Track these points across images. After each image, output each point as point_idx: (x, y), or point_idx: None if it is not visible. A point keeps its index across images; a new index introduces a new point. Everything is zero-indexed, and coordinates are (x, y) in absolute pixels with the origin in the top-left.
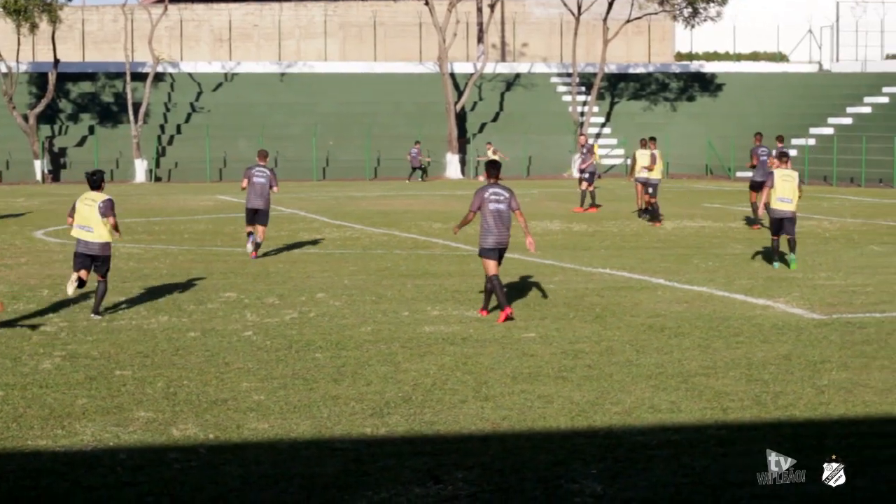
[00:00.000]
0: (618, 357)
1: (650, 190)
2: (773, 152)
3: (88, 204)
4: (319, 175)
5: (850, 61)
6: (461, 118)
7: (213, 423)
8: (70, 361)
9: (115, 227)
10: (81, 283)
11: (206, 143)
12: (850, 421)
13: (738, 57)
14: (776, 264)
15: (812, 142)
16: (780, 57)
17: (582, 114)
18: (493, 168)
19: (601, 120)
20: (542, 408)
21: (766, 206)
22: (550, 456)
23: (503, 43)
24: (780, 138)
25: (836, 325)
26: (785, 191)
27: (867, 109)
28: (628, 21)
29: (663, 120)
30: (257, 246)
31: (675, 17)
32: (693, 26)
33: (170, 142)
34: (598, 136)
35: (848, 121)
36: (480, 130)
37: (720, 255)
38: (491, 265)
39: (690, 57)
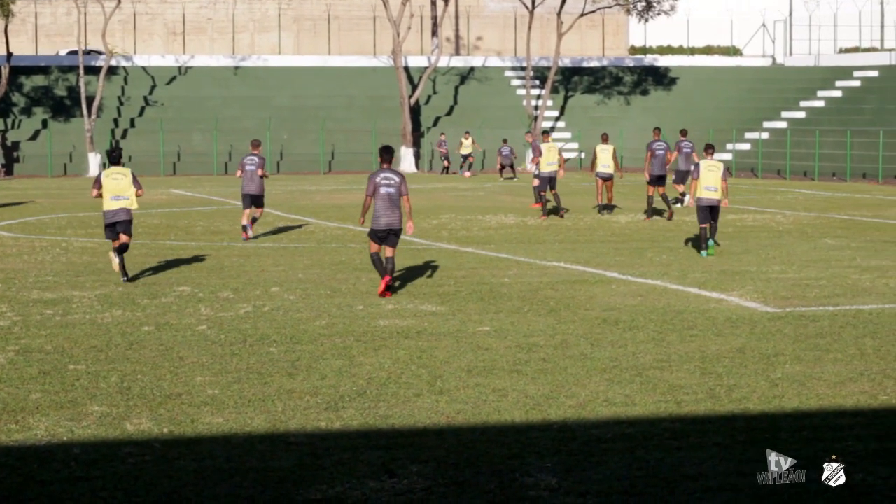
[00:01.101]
0: (572, 351)
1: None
2: (679, 145)
3: (117, 178)
4: (273, 169)
5: (804, 55)
6: (415, 112)
7: (167, 418)
8: (23, 356)
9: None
10: (122, 248)
11: (160, 136)
12: (803, 414)
13: (692, 51)
14: (704, 252)
15: (765, 136)
16: (733, 51)
17: (536, 108)
18: (385, 153)
19: (555, 114)
20: (497, 401)
21: (689, 195)
22: (505, 449)
23: (457, 36)
24: (684, 132)
25: (790, 318)
26: (709, 180)
27: (820, 103)
28: (582, 15)
29: (617, 114)
30: (254, 221)
31: (628, 11)
32: (647, 20)
33: (123, 135)
34: (552, 129)
35: (801, 115)
36: (435, 124)
37: (674, 249)
38: (374, 245)
39: (644, 51)
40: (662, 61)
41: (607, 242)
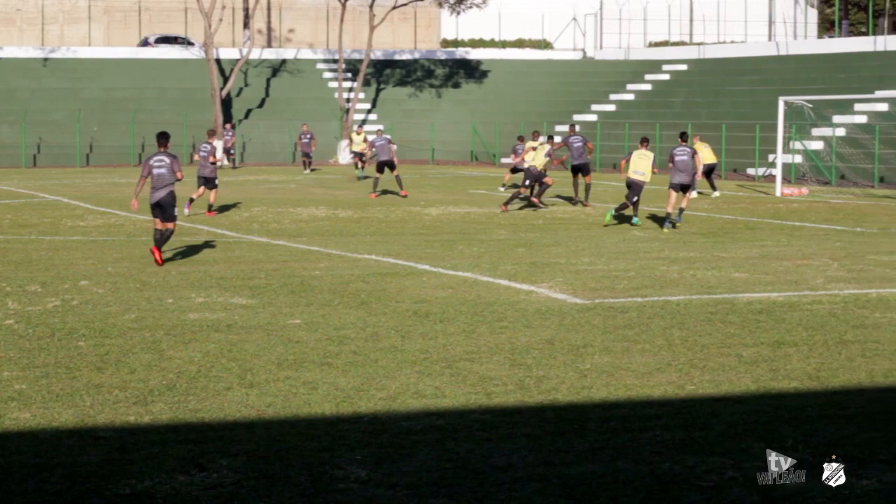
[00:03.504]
0: (383, 343)
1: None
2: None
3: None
4: (83, 161)
5: (614, 49)
6: (227, 104)
7: None
8: None
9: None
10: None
11: None
12: (611, 404)
13: (504, 44)
14: (636, 220)
15: (576, 128)
16: (544, 44)
17: (348, 100)
18: (161, 138)
19: (367, 106)
20: (308, 394)
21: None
22: (316, 442)
23: (269, 29)
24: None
25: (599, 309)
26: (639, 166)
27: (630, 97)
28: (395, 8)
29: (429, 106)
30: (210, 208)
31: (440, 4)
32: (459, 13)
33: None
34: (363, 122)
35: (611, 108)
36: (246, 116)
37: (485, 241)
38: (158, 221)
39: (456, 44)
40: (474, 54)
41: (418, 235)
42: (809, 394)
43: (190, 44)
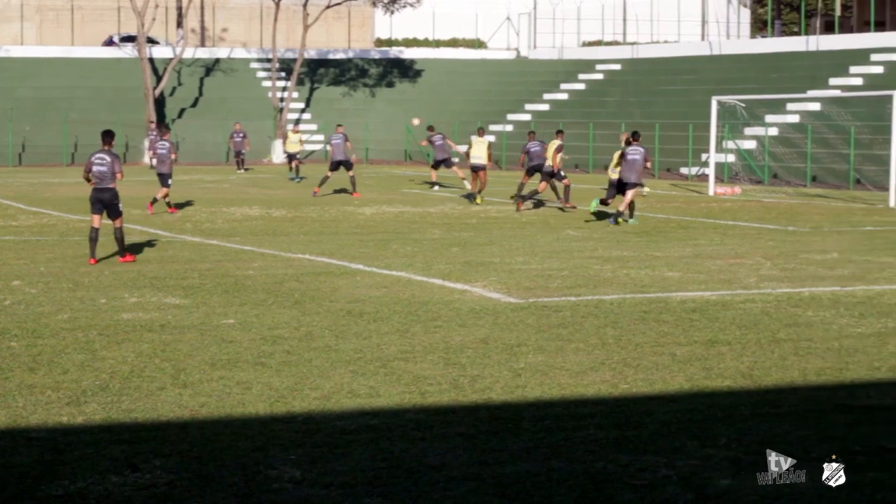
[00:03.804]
0: (317, 342)
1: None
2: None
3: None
4: (15, 161)
5: (548, 48)
6: (160, 103)
7: None
8: None
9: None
10: None
11: None
12: (545, 403)
13: (438, 43)
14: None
15: (510, 128)
16: (478, 44)
17: (282, 100)
18: (106, 136)
19: (301, 105)
20: (241, 394)
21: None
22: (249, 442)
23: (203, 28)
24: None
25: (533, 308)
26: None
27: (564, 96)
28: (328, 7)
29: (363, 106)
30: (154, 201)
31: (374, 4)
32: (392, 12)
33: None
34: (297, 121)
35: (545, 107)
36: (180, 116)
37: (419, 241)
38: (95, 219)
39: (390, 43)
40: (408, 53)
41: (352, 234)
42: (743, 392)
43: (155, 42)
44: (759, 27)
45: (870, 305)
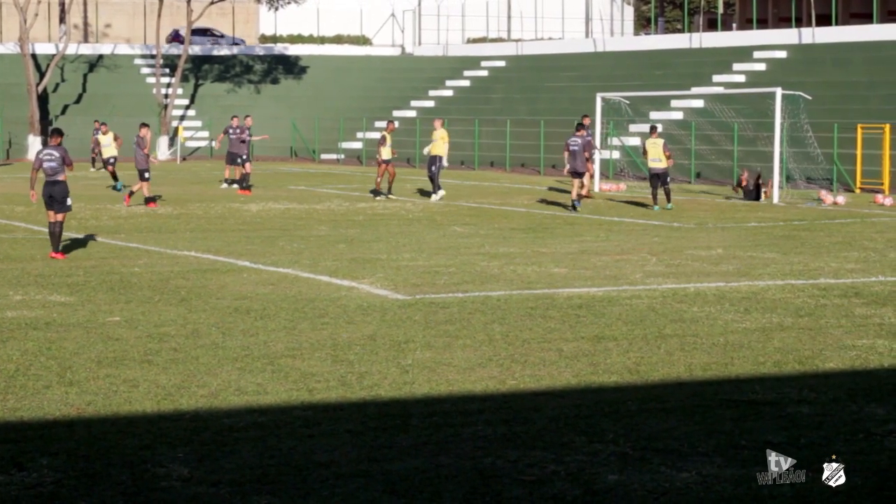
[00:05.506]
0: (204, 340)
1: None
2: None
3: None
4: None
5: (433, 45)
6: (43, 100)
7: None
8: None
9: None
10: None
11: None
12: (433, 399)
13: (322, 40)
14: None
15: (396, 124)
16: (363, 40)
17: (166, 96)
18: (54, 133)
19: (186, 102)
20: (128, 392)
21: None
22: (137, 440)
23: (86, 24)
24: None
25: (420, 305)
26: (653, 154)
27: (449, 93)
28: (212, 3)
29: (248, 102)
30: (131, 194)
31: (259, 0)
32: (277, 9)
33: None
34: (182, 118)
35: (430, 104)
36: (63, 112)
37: (306, 237)
38: (51, 214)
39: (275, 39)
40: (293, 50)
41: (239, 231)
42: (629, 388)
43: (221, 36)
44: (643, 24)
45: (754, 301)
